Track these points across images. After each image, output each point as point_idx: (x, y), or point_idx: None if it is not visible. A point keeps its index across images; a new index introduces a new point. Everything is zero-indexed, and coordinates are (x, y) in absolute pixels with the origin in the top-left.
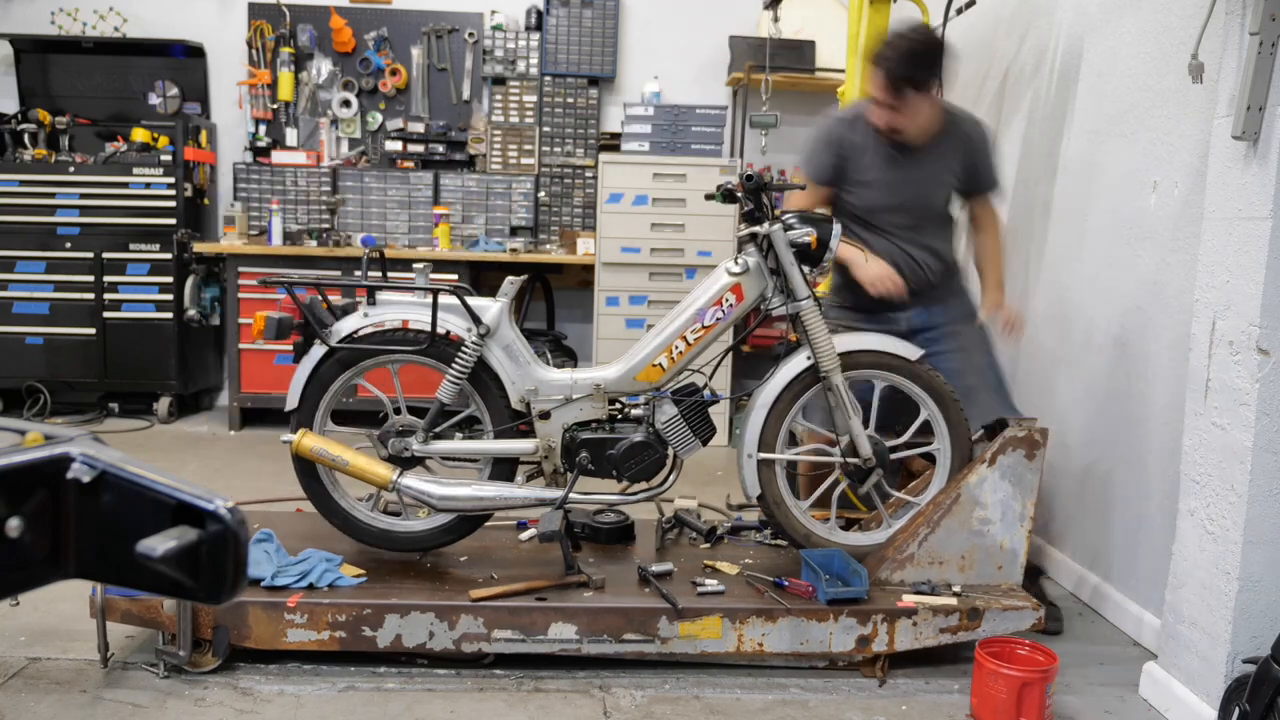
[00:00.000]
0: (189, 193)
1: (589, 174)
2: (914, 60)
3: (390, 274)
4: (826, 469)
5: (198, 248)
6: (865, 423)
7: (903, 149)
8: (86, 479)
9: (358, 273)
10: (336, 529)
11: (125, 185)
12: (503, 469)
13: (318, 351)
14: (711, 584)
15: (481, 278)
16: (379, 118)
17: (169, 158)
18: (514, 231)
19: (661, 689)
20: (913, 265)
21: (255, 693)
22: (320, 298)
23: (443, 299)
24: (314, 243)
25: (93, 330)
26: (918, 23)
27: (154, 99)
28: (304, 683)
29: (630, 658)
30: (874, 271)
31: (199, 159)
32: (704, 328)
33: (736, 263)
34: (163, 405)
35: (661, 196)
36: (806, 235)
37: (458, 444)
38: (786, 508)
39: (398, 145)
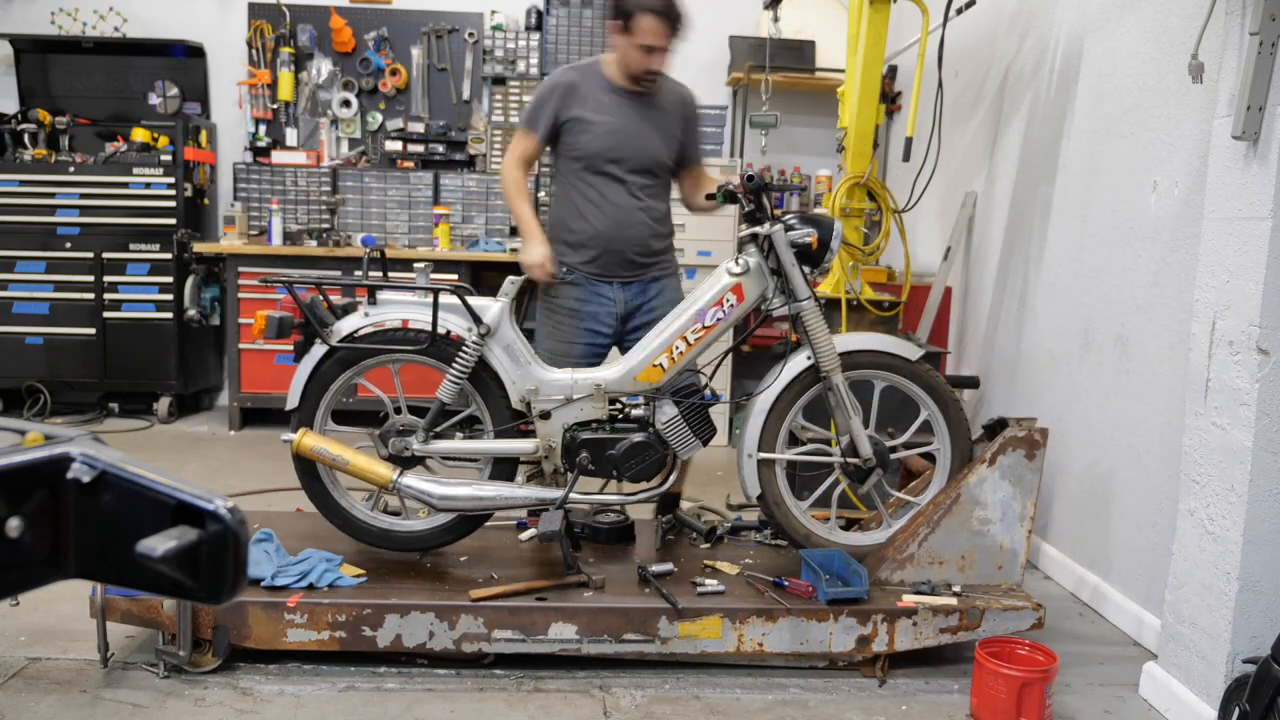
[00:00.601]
0: (189, 193)
1: None
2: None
3: (391, 274)
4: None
5: (198, 248)
6: (865, 422)
7: (635, 100)
8: (86, 479)
9: (358, 272)
10: (336, 528)
11: (125, 185)
12: (503, 469)
13: (318, 351)
14: (711, 584)
15: (482, 278)
16: (379, 118)
17: (169, 158)
18: (514, 231)
19: (661, 689)
20: (634, 226)
21: (255, 693)
22: (321, 297)
23: (443, 299)
24: (314, 243)
25: (93, 330)
26: None
27: (154, 99)
28: (304, 683)
29: (630, 658)
30: (532, 256)
31: (199, 159)
32: (704, 328)
33: (737, 263)
34: (163, 405)
35: None
36: (807, 236)
37: (458, 444)
38: (786, 508)
39: (398, 145)
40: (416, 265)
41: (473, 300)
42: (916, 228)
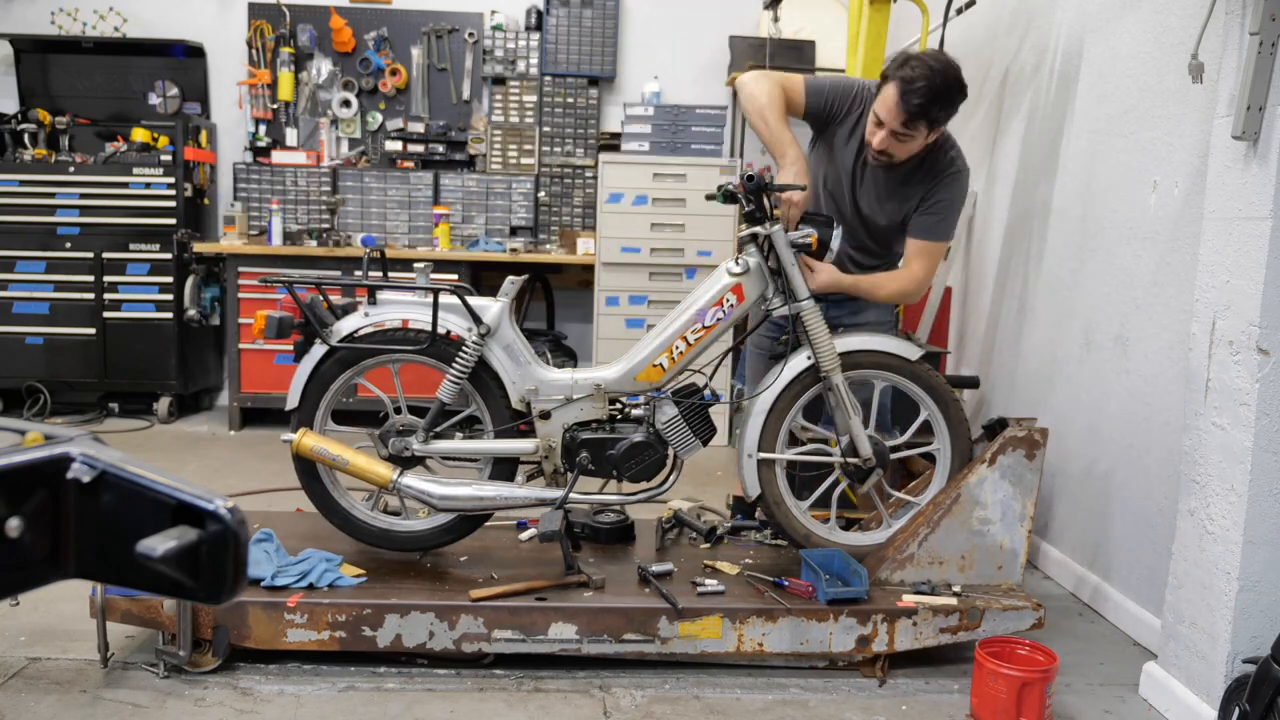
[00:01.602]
0: (189, 193)
1: (589, 174)
2: (938, 99)
3: (391, 274)
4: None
5: (198, 248)
6: (865, 422)
7: (877, 165)
8: (86, 479)
9: (358, 272)
10: (336, 528)
11: (125, 185)
12: (503, 469)
13: (318, 351)
14: (711, 584)
15: (481, 278)
16: (379, 118)
17: (169, 158)
18: (514, 231)
19: (661, 689)
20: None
21: (255, 693)
22: (321, 297)
23: (443, 298)
24: (314, 243)
25: (93, 330)
26: (944, 54)
27: (154, 99)
28: (304, 683)
29: (630, 658)
30: (823, 280)
31: (199, 159)
32: (704, 328)
33: (737, 263)
34: (163, 405)
35: (661, 196)
36: (807, 236)
37: (458, 444)
38: (786, 508)
39: (398, 145)
40: (416, 265)
41: (473, 300)
42: None
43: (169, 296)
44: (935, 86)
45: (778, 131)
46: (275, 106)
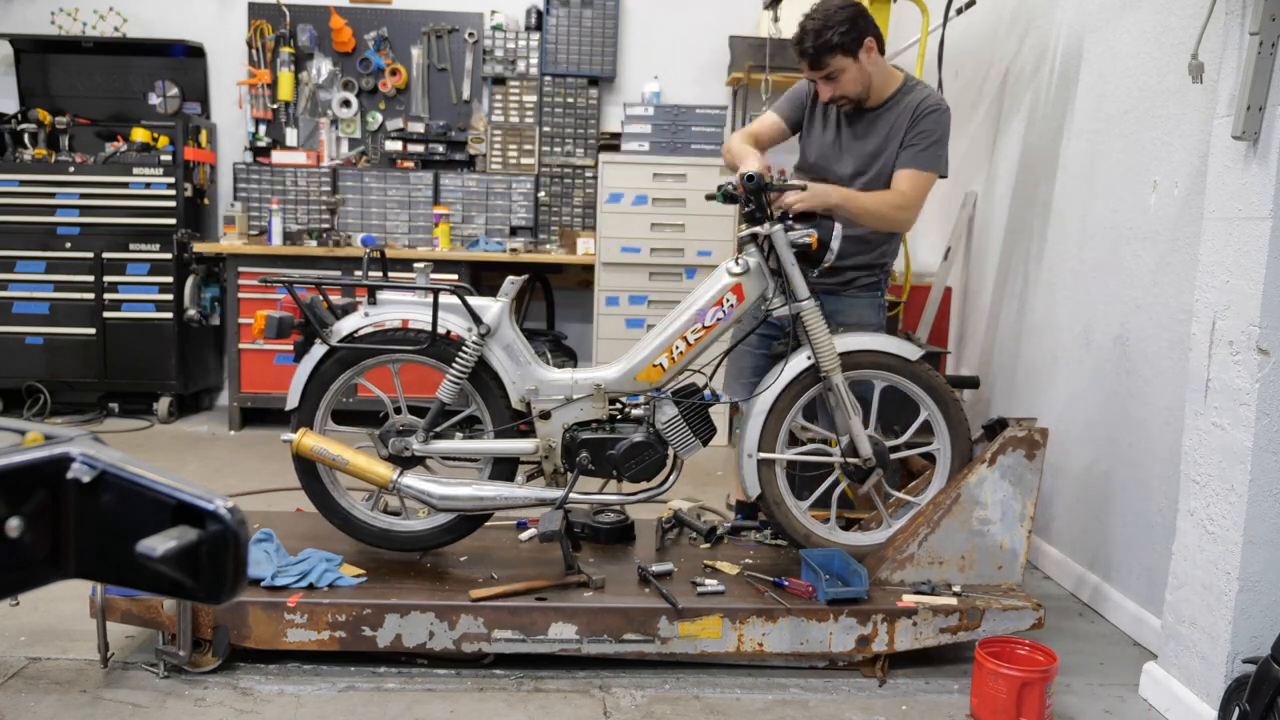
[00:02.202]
0: (189, 193)
1: (589, 174)
2: (821, 31)
3: (390, 274)
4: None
5: (198, 248)
6: (865, 422)
7: (852, 119)
8: (86, 479)
9: (358, 272)
10: (336, 528)
11: (125, 185)
12: (503, 469)
13: (318, 351)
14: (711, 584)
15: (481, 278)
16: (379, 118)
17: (169, 158)
18: (514, 231)
19: (661, 689)
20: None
21: (255, 693)
22: (321, 297)
23: (443, 298)
24: (314, 243)
25: (93, 330)
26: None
27: (154, 99)
28: (304, 683)
29: (630, 658)
30: (805, 196)
31: (199, 159)
32: (704, 328)
33: (737, 263)
34: (163, 405)
35: (661, 196)
36: (807, 236)
37: (458, 444)
38: (786, 508)
39: (398, 145)
40: (416, 265)
41: (473, 300)
42: (916, 228)
43: (169, 296)
44: (812, 28)
45: (738, 150)
46: (275, 106)
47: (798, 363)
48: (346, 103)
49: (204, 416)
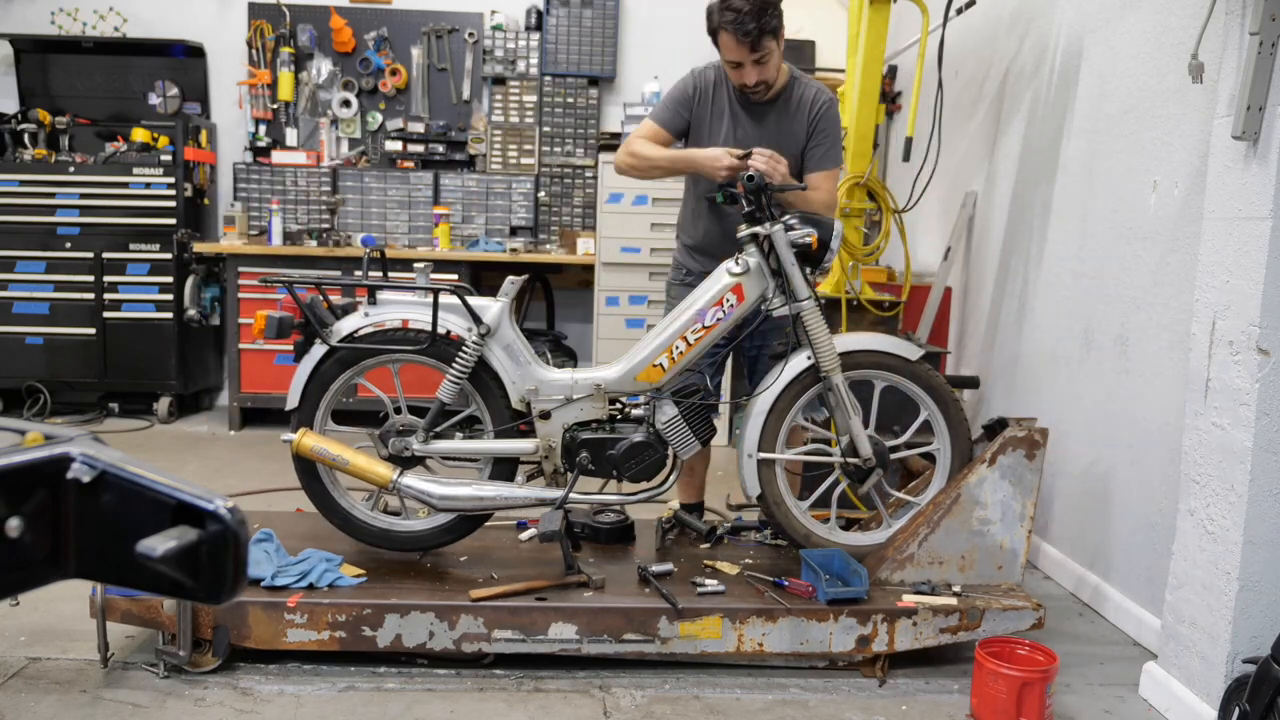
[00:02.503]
0: (189, 193)
1: (589, 174)
2: (763, 10)
3: (390, 274)
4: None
5: (198, 248)
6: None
7: (753, 110)
8: (86, 479)
9: (358, 272)
10: (336, 528)
11: (125, 185)
12: (503, 469)
13: (318, 351)
14: (711, 584)
15: (481, 278)
16: (379, 118)
17: (169, 158)
18: (514, 231)
19: (661, 689)
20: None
21: (255, 693)
22: (321, 297)
23: (443, 299)
24: (314, 243)
25: (93, 330)
26: None
27: (154, 99)
28: (304, 683)
29: (630, 658)
30: (714, 157)
31: (199, 159)
32: (705, 328)
33: (737, 263)
34: (163, 405)
35: (661, 196)
36: (807, 236)
37: (458, 444)
38: (786, 508)
39: (398, 145)
40: (416, 265)
41: (473, 300)
42: (916, 228)
43: (169, 296)
44: (751, 9)
45: (670, 154)
46: (275, 106)
47: (798, 363)
48: (346, 103)
49: (204, 416)
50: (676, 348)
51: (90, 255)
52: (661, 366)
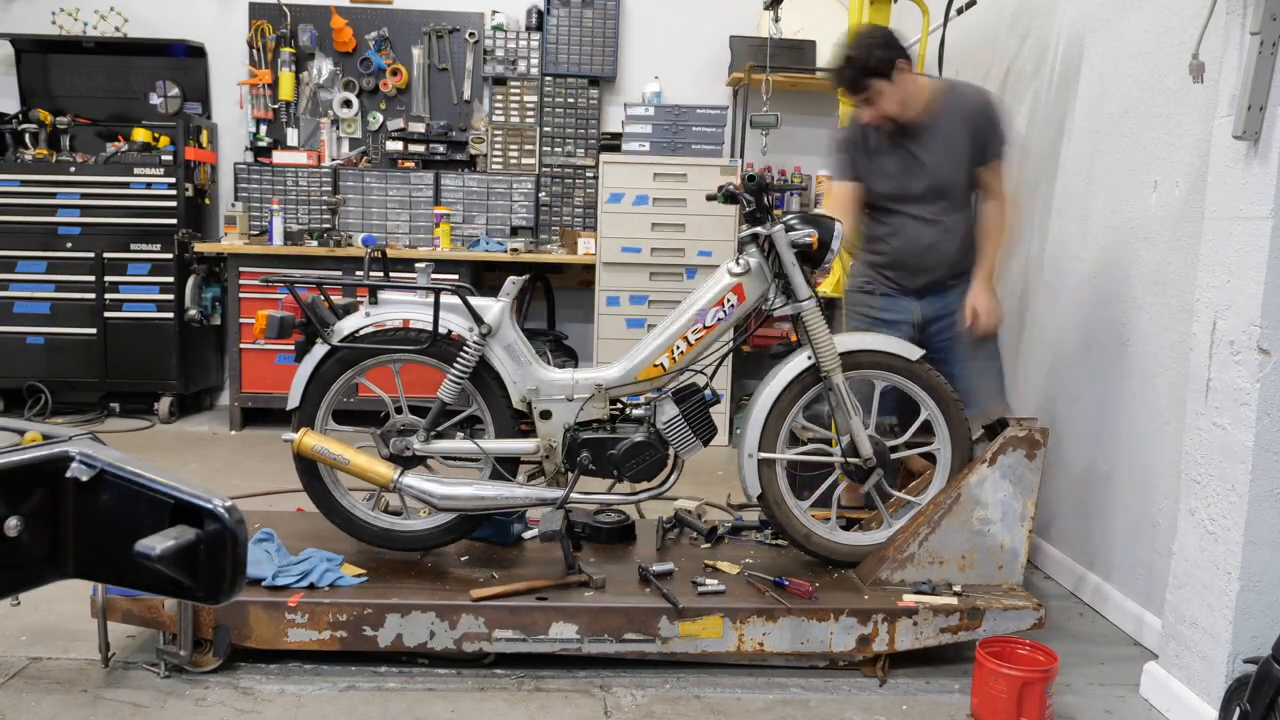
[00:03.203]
0: (190, 193)
1: (589, 174)
2: (854, 59)
3: (392, 274)
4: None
5: (199, 248)
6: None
7: (907, 134)
8: (85, 478)
9: (359, 272)
10: (337, 528)
11: (126, 185)
12: (504, 468)
13: (319, 350)
14: (712, 584)
15: (482, 278)
16: (380, 118)
17: (170, 158)
18: (515, 231)
19: (662, 688)
20: (930, 248)
21: (256, 692)
22: (322, 297)
23: (444, 298)
24: (315, 243)
25: (93, 330)
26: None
27: (155, 99)
28: (305, 682)
29: (631, 657)
30: (997, 318)
31: (200, 159)
32: (705, 328)
33: (738, 263)
34: (163, 405)
35: (662, 196)
36: (808, 236)
37: (459, 443)
38: (787, 507)
39: (398, 145)
40: (418, 265)
41: (474, 300)
42: None
43: (170, 296)
44: (849, 57)
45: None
46: (276, 106)
47: (798, 362)
48: (347, 103)
49: (205, 416)
50: (677, 348)
51: (91, 255)
52: (662, 366)
